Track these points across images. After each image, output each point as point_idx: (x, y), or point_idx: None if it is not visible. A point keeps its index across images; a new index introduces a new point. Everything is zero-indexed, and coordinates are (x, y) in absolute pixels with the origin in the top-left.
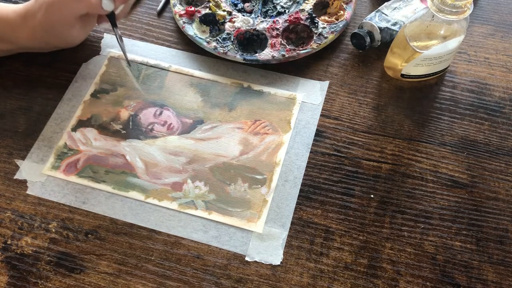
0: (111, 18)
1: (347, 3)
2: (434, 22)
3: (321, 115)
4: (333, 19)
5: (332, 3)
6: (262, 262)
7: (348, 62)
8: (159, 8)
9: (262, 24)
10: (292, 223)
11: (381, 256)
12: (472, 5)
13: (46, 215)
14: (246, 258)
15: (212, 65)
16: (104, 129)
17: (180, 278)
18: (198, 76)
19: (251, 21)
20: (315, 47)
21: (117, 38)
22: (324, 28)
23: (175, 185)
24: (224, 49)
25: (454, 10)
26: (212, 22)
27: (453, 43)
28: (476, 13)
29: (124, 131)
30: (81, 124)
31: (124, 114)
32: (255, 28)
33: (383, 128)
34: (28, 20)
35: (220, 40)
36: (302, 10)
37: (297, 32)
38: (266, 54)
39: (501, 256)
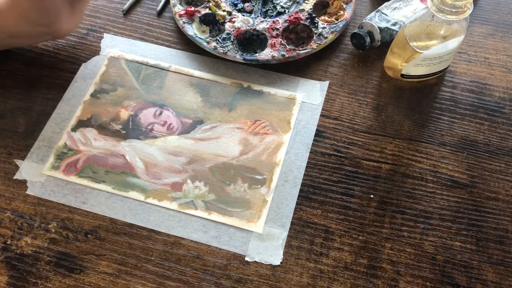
0: None
1: (347, 3)
2: (434, 22)
3: (321, 115)
4: (333, 19)
5: (332, 3)
6: (262, 262)
7: (348, 62)
8: (159, 8)
9: (262, 24)
10: (292, 223)
11: (381, 256)
12: (472, 5)
13: (46, 215)
14: (246, 258)
15: (212, 65)
16: (104, 129)
17: (180, 278)
18: (198, 76)
19: (251, 21)
20: (315, 47)
21: None
22: (324, 28)
23: (175, 185)
24: (224, 49)
25: (454, 10)
26: (212, 22)
27: (453, 43)
28: (476, 13)
29: (124, 131)
30: (81, 124)
31: (124, 114)
32: (255, 28)
33: (383, 128)
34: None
35: (220, 40)
36: (302, 10)
37: (297, 32)
38: (266, 54)
39: (501, 256)
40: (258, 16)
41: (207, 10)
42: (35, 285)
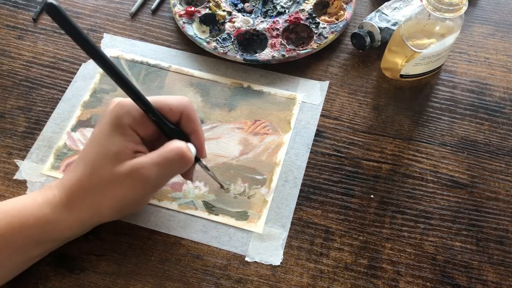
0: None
1: (347, 3)
2: (431, 20)
3: (321, 115)
4: (333, 19)
5: (332, 3)
6: (262, 262)
7: (348, 62)
8: (153, 6)
9: (262, 24)
10: (292, 224)
11: (381, 256)
12: (467, 1)
13: None
14: (246, 259)
15: (212, 65)
16: None
17: (180, 279)
18: (198, 76)
19: (251, 21)
20: (315, 47)
21: (204, 169)
22: (324, 28)
23: (175, 185)
24: (224, 49)
25: (451, 8)
26: (212, 22)
27: (450, 40)
28: (476, 13)
29: None
30: (81, 124)
31: None
32: (255, 28)
33: (383, 128)
34: (80, 202)
35: (220, 40)
36: (302, 10)
37: (297, 32)
38: (266, 54)
39: (501, 257)
40: (258, 16)
41: (207, 10)
42: (35, 285)
